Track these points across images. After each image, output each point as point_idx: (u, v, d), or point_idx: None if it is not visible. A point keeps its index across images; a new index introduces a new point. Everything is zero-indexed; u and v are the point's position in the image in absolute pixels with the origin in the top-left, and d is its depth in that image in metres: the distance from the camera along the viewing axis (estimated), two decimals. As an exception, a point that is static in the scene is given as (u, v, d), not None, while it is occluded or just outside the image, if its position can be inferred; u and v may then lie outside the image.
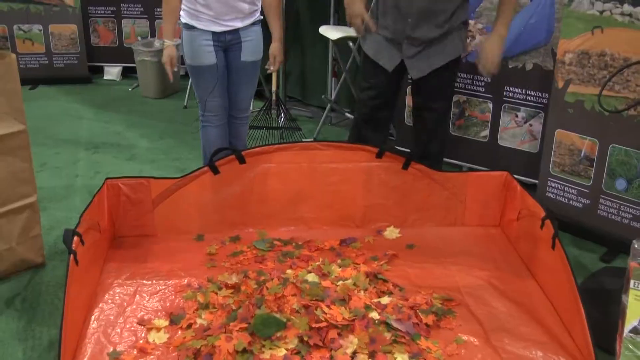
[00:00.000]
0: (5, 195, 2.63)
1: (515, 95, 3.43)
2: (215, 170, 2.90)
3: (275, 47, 3.26)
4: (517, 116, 3.46)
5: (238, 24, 3.07)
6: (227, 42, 3.09)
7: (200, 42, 3.04)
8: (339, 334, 2.21)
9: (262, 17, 3.20)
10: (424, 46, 2.86)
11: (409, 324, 2.30)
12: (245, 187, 2.96)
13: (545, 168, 3.22)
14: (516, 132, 3.46)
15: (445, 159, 3.56)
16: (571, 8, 2.94)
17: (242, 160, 2.92)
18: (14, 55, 2.59)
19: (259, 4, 3.14)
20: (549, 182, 3.22)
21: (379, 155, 2.98)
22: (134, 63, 5.32)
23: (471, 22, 3.42)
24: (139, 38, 5.58)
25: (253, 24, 3.13)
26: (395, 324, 2.29)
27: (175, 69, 3.11)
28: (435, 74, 2.90)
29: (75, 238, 2.31)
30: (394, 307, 2.37)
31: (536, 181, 3.32)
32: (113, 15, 5.40)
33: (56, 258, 2.88)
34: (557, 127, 3.12)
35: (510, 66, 3.39)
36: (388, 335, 2.23)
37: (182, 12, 3.06)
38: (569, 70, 3.01)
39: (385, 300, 2.43)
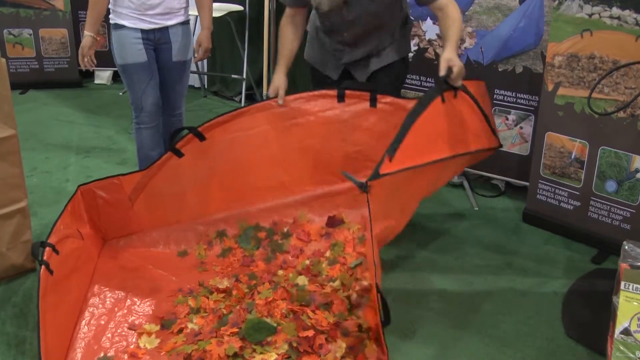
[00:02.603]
0: None
1: (505, 98, 3.44)
2: (178, 153, 2.81)
3: (204, 35, 3.22)
4: (507, 119, 3.47)
5: (167, 22, 3.04)
6: (156, 41, 3.07)
7: (130, 40, 3.02)
8: (326, 339, 2.20)
9: (189, 17, 3.19)
10: (363, 57, 2.84)
11: None
12: (215, 163, 2.84)
13: (536, 170, 3.23)
14: (506, 134, 3.46)
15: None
16: (560, 11, 2.95)
17: (201, 137, 2.80)
18: (3, 60, 2.58)
19: (187, 3, 3.12)
20: (539, 184, 3.23)
21: (341, 99, 2.79)
22: (125, 67, 5.31)
23: (461, 25, 3.43)
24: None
25: (182, 23, 3.11)
26: None
27: (91, 64, 3.00)
28: (383, 74, 2.86)
29: (48, 249, 2.29)
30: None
31: (527, 183, 3.33)
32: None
33: (46, 263, 2.87)
34: (548, 130, 3.14)
35: (500, 69, 3.40)
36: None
37: (111, 14, 3.05)
38: (558, 73, 3.02)
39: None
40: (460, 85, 2.53)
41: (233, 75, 5.21)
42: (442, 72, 2.47)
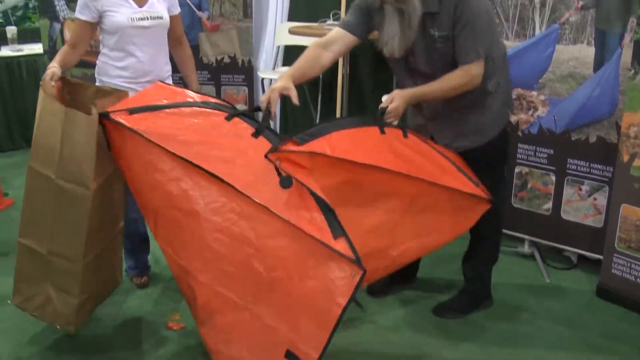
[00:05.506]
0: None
1: (578, 167, 3.36)
2: None
3: None
4: (580, 189, 3.37)
5: None
6: None
7: None
8: None
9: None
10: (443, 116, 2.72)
11: None
12: None
13: (610, 244, 3.11)
14: (580, 205, 3.37)
15: (507, 231, 3.50)
16: (636, 81, 2.89)
17: None
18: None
19: (170, 70, 3.13)
20: (614, 258, 3.10)
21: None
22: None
23: (534, 93, 3.40)
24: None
25: None
26: None
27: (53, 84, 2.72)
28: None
29: None
30: None
31: (601, 257, 3.21)
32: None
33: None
34: (623, 202, 3.03)
35: (573, 138, 3.33)
36: None
37: (97, 83, 2.97)
38: (634, 144, 2.94)
39: None
40: (394, 123, 2.43)
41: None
42: (384, 104, 2.43)
